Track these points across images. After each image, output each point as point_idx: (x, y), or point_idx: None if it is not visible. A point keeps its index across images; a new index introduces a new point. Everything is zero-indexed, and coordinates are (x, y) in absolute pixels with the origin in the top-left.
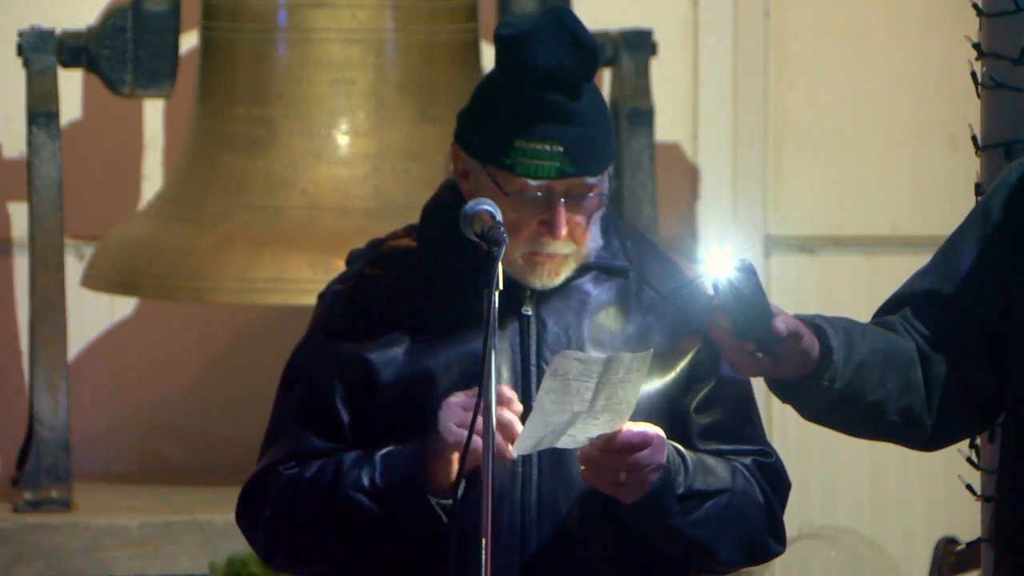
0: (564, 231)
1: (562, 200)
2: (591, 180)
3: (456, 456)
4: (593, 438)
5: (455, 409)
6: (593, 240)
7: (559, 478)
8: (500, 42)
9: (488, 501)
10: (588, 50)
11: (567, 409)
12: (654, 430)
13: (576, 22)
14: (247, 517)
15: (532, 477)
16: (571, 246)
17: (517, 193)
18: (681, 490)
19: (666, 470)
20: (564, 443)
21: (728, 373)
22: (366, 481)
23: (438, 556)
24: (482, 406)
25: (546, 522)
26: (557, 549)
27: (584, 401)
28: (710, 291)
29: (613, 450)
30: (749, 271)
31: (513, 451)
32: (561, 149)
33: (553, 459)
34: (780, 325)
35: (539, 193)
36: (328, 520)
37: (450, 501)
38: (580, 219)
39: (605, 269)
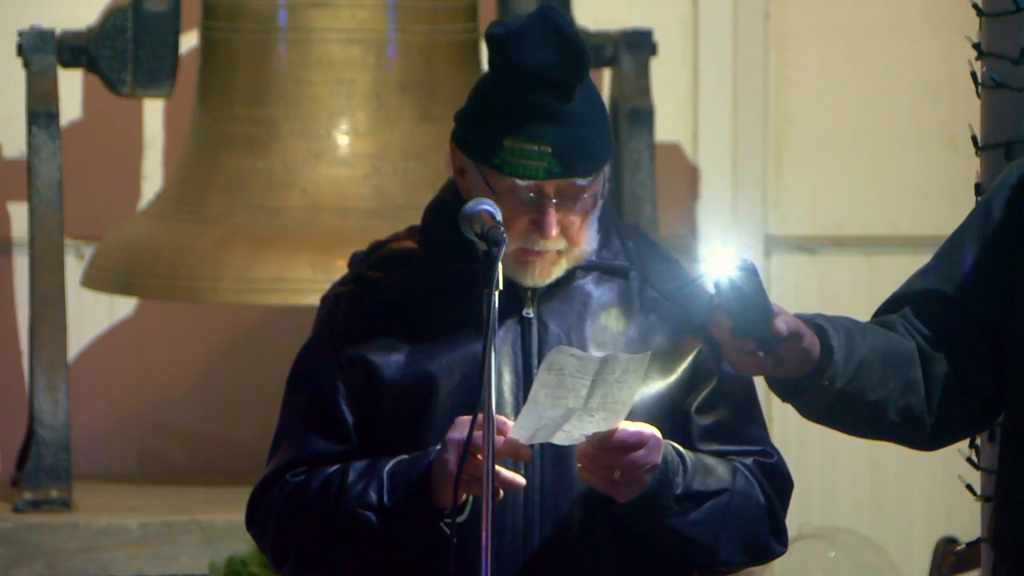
0: (554, 231)
1: (553, 201)
2: (582, 181)
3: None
4: (589, 435)
5: (457, 453)
6: (589, 241)
7: (561, 479)
8: (489, 41)
9: (488, 502)
10: (576, 49)
11: (561, 404)
12: (650, 430)
13: (564, 21)
14: (256, 524)
15: (535, 478)
16: (563, 243)
17: (507, 193)
18: (679, 490)
19: (663, 471)
20: (560, 439)
21: (730, 372)
22: (374, 498)
23: (441, 560)
24: (483, 407)
25: (548, 523)
26: (560, 550)
27: (579, 398)
28: (711, 290)
29: (608, 449)
30: (751, 270)
31: (511, 436)
32: (549, 149)
33: (555, 460)
34: (781, 325)
35: (531, 194)
36: (335, 534)
37: (460, 518)
38: (574, 219)
39: (606, 270)
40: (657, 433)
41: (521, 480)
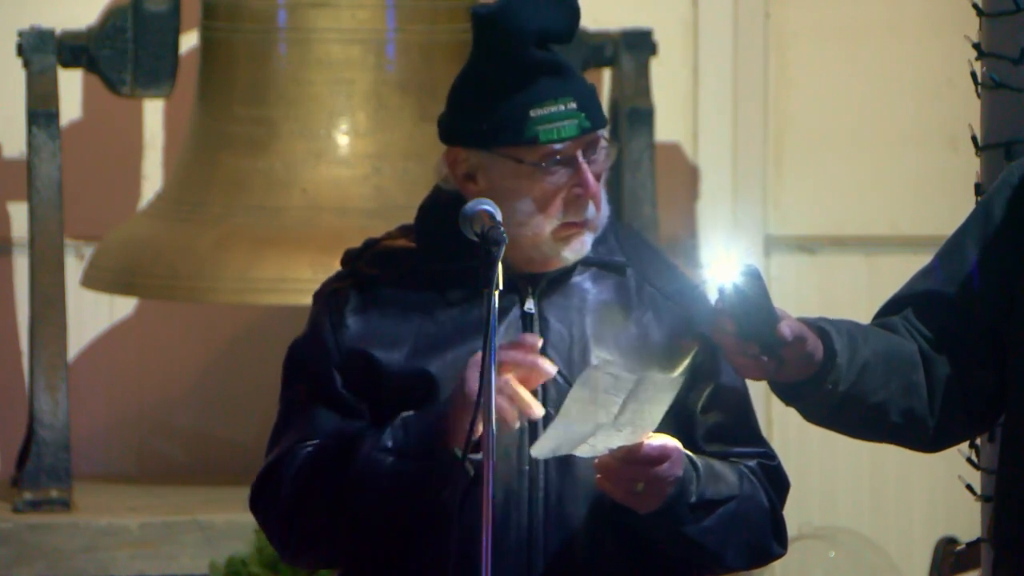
0: (596, 188)
1: (583, 159)
2: (602, 132)
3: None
4: (612, 448)
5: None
6: (606, 205)
7: (566, 478)
8: (481, 20)
9: (488, 500)
10: (570, 6)
11: (591, 420)
12: (673, 443)
13: None
14: (264, 501)
15: (539, 477)
16: (594, 211)
17: (541, 164)
18: (693, 499)
19: (680, 480)
20: (582, 451)
21: (727, 375)
22: (389, 441)
23: (441, 557)
24: (482, 406)
25: (553, 522)
26: (565, 549)
27: (610, 414)
28: (714, 295)
29: (633, 462)
30: (755, 275)
31: (533, 453)
32: (575, 105)
33: (560, 461)
34: (785, 329)
35: (558, 157)
36: (349, 489)
37: (477, 456)
38: (595, 182)
39: (604, 265)
40: (680, 445)
41: (539, 410)
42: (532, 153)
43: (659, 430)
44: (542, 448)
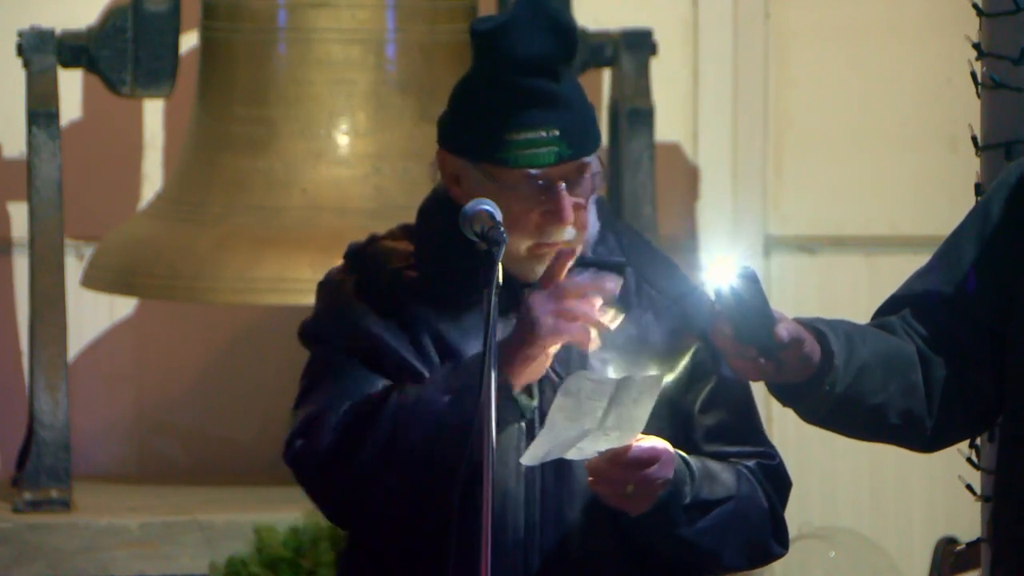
0: (571, 217)
1: (562, 185)
2: (588, 159)
3: (549, 349)
4: (602, 451)
5: (545, 303)
6: (592, 226)
7: (564, 478)
8: (478, 36)
9: (488, 500)
10: (567, 32)
11: (578, 426)
12: (663, 445)
13: (552, 6)
14: (301, 448)
15: (536, 478)
16: (573, 232)
17: (516, 186)
18: (687, 500)
19: (673, 482)
20: (572, 455)
21: (728, 373)
22: (442, 382)
23: (440, 557)
24: (483, 405)
25: (550, 522)
26: (562, 549)
27: (595, 419)
28: (712, 297)
29: (622, 464)
30: (752, 278)
31: (523, 461)
32: (557, 133)
33: (556, 463)
34: (782, 332)
35: (539, 182)
36: (401, 431)
37: (535, 402)
38: (580, 202)
39: (603, 266)
40: (669, 447)
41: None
42: (507, 174)
43: (659, 430)
44: (531, 456)
